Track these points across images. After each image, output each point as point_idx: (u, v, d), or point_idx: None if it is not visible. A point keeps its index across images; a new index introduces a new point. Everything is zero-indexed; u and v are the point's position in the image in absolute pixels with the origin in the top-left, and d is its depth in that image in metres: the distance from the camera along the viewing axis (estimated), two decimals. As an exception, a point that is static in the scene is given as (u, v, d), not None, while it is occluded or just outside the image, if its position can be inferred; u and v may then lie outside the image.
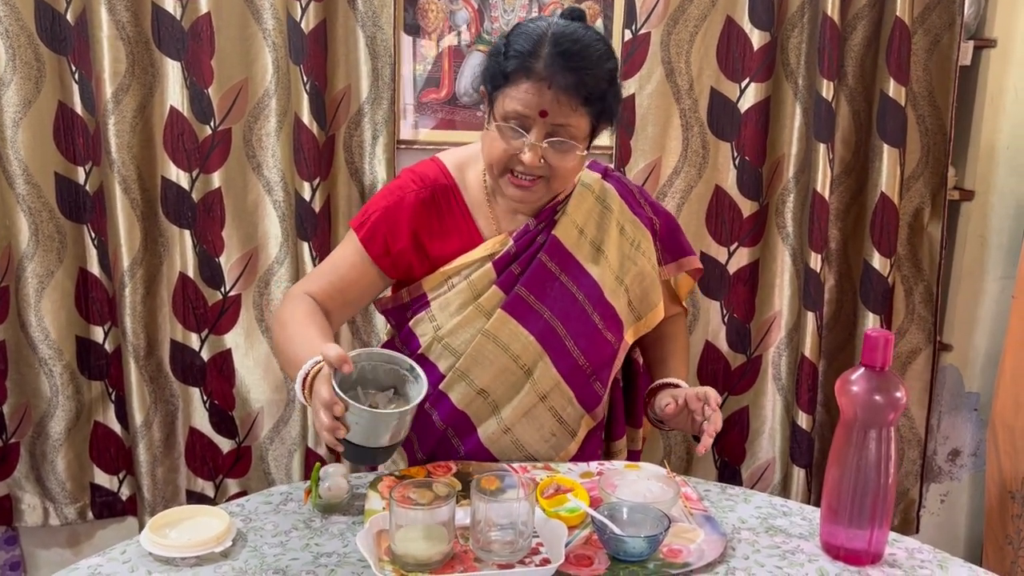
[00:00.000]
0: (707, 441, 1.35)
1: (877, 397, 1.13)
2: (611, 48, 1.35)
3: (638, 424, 1.65)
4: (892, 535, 1.22)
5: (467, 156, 1.49)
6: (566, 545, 1.14)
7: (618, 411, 1.60)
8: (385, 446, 1.18)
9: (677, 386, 1.49)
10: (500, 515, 1.14)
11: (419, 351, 1.46)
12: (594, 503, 1.26)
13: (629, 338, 1.53)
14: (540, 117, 1.29)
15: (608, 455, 1.61)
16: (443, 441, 1.48)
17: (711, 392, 1.38)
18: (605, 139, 2.15)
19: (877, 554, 1.18)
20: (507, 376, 1.44)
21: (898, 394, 1.13)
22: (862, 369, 1.15)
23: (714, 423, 1.36)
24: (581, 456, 1.50)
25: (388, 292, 1.55)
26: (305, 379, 1.22)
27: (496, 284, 1.42)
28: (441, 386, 1.44)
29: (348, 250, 1.46)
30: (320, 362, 1.20)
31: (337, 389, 1.13)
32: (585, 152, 1.36)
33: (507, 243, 1.43)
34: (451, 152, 1.50)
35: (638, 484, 1.30)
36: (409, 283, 1.48)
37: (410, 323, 1.47)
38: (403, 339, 1.50)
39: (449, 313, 1.43)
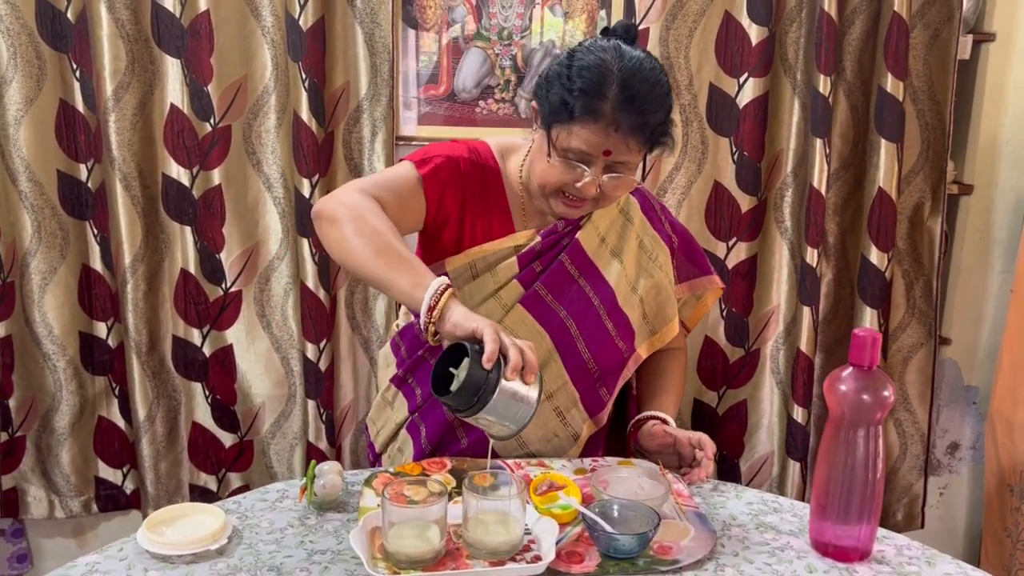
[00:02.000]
0: (694, 478, 1.39)
1: (865, 396, 1.14)
2: (667, 76, 1.35)
3: None
4: (881, 532, 1.23)
5: (509, 145, 1.50)
6: (557, 542, 1.16)
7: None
8: (480, 415, 1.12)
9: (664, 420, 1.50)
10: (492, 512, 1.15)
11: None
12: (586, 500, 1.27)
13: (643, 352, 1.55)
14: (603, 156, 1.31)
15: None
16: (448, 432, 1.49)
17: (708, 441, 1.41)
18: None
19: (866, 551, 1.19)
20: None
21: (885, 393, 1.14)
22: (850, 368, 1.16)
23: (705, 469, 1.39)
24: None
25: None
26: (437, 301, 1.17)
27: (517, 279, 1.44)
28: None
29: (408, 178, 1.40)
30: (447, 287, 1.18)
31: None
32: (637, 178, 1.39)
33: (534, 239, 1.45)
34: (493, 139, 1.51)
35: (630, 481, 1.31)
36: (431, 258, 1.47)
37: None
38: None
39: (471, 304, 1.43)
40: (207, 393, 2.21)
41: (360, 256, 1.24)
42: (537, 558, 1.14)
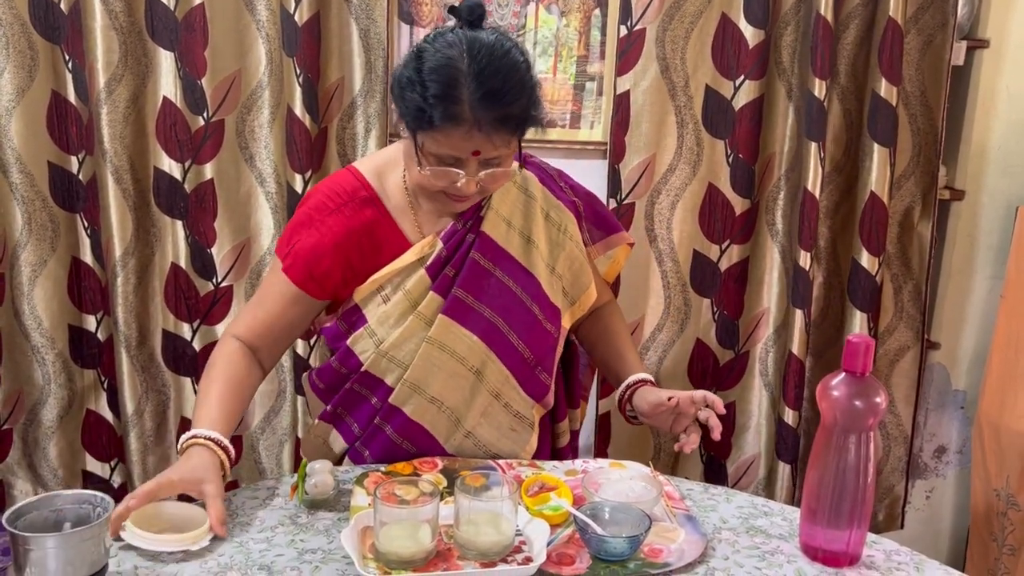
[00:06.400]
0: (695, 440, 1.39)
1: (857, 402, 1.14)
2: (525, 55, 1.30)
3: (576, 404, 1.66)
4: (871, 537, 1.24)
5: (385, 162, 1.46)
6: (548, 544, 1.16)
7: (559, 393, 1.60)
8: None
9: (652, 383, 1.49)
10: (483, 513, 1.15)
11: (361, 368, 1.44)
12: (578, 502, 1.27)
13: (566, 323, 1.53)
14: (473, 156, 1.28)
15: (554, 436, 1.61)
16: (398, 451, 1.46)
17: (713, 397, 1.38)
18: (599, 135, 2.16)
19: (855, 556, 1.19)
20: (457, 380, 1.43)
21: (878, 399, 1.15)
22: (843, 374, 1.16)
23: (717, 428, 1.37)
24: (537, 445, 1.51)
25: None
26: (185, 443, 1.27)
27: (432, 290, 1.40)
28: (391, 400, 1.42)
29: (271, 281, 1.44)
30: (195, 438, 1.26)
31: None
32: (517, 165, 1.37)
33: (436, 245, 1.41)
34: (368, 159, 1.48)
35: (621, 483, 1.32)
36: (344, 303, 1.46)
37: (347, 341, 1.44)
38: (340, 359, 1.46)
39: (389, 326, 1.41)
40: (196, 388, 2.20)
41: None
42: (528, 559, 1.14)
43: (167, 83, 2.03)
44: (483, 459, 1.46)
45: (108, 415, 2.22)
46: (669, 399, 1.39)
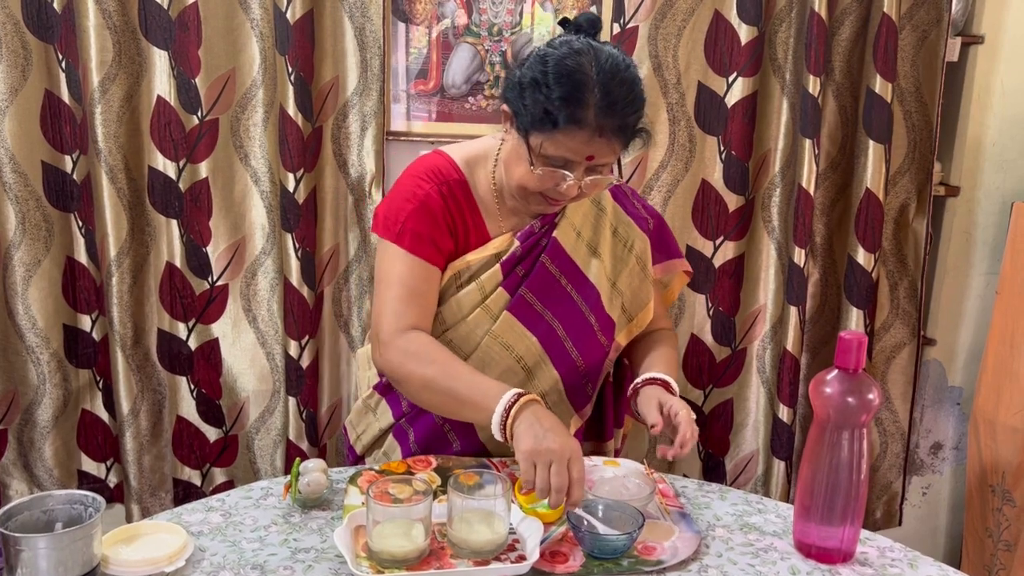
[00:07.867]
0: (666, 453, 1.34)
1: (850, 399, 1.14)
2: (636, 66, 1.33)
3: (621, 423, 1.66)
4: (865, 533, 1.24)
5: (476, 153, 1.47)
6: (542, 542, 1.16)
7: (609, 412, 1.61)
8: None
9: (664, 381, 1.45)
10: (477, 511, 1.15)
11: None
12: (571, 499, 1.27)
13: (622, 340, 1.54)
14: (586, 160, 1.30)
15: (600, 455, 1.62)
16: (439, 436, 1.48)
17: (686, 422, 1.34)
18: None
19: (849, 552, 1.19)
20: (510, 377, 1.43)
21: (871, 396, 1.15)
22: (836, 371, 1.16)
23: (673, 450, 1.32)
24: None
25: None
26: (508, 415, 1.23)
27: (502, 286, 1.43)
28: None
29: (406, 266, 1.39)
30: (521, 398, 1.24)
31: None
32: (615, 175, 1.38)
33: (513, 244, 1.43)
34: (458, 147, 1.48)
35: (615, 481, 1.32)
36: None
37: None
38: None
39: (460, 315, 1.43)
40: (192, 387, 2.20)
41: (438, 408, 1.38)
42: (521, 558, 1.14)
43: (161, 82, 2.03)
44: (478, 459, 1.46)
45: (103, 415, 2.22)
46: (653, 427, 1.36)
